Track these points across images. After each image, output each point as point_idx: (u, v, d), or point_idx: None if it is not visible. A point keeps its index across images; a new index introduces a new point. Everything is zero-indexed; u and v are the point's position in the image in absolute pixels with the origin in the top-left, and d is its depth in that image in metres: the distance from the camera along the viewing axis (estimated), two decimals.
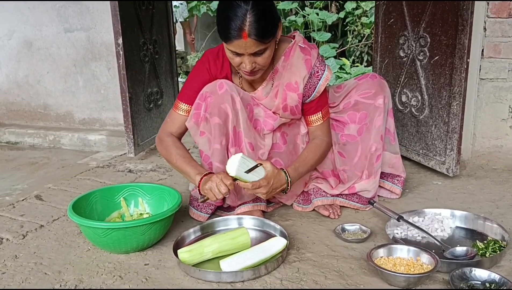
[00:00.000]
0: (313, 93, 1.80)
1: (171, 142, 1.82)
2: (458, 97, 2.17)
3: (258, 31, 1.53)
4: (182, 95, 1.84)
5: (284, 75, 1.78)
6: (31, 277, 1.54)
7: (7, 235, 1.85)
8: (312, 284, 1.45)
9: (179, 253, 1.55)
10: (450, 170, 2.28)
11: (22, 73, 3.81)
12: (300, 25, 6.91)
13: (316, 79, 1.78)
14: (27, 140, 3.72)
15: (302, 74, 1.76)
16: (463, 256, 1.54)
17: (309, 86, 1.79)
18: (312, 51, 1.78)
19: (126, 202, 1.91)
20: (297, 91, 1.77)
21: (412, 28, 2.41)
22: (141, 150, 2.92)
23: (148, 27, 2.96)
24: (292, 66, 1.76)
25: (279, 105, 1.81)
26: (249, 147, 1.79)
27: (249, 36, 1.53)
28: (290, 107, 1.81)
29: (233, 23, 1.52)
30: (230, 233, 1.63)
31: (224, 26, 1.56)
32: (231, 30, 1.53)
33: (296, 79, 1.76)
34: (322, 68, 1.78)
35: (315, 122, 1.87)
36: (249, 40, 1.54)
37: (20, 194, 2.38)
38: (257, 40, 1.55)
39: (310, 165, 1.84)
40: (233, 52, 1.61)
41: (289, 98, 1.79)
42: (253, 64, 1.63)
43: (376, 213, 1.96)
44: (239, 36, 1.53)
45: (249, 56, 1.60)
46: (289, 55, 1.77)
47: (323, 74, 1.78)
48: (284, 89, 1.78)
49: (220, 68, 1.80)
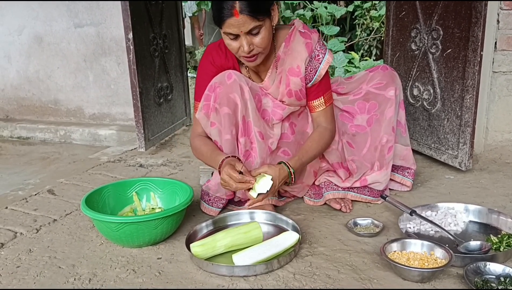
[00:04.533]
0: (314, 76, 1.78)
1: (198, 141, 1.84)
2: (471, 91, 2.15)
3: (249, 6, 1.54)
4: (196, 96, 1.86)
5: (286, 61, 1.78)
6: (46, 270, 1.56)
7: (21, 229, 1.87)
8: (325, 278, 1.45)
9: (192, 247, 1.55)
10: (463, 164, 2.26)
11: (32, 69, 3.83)
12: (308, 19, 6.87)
13: (317, 62, 1.77)
14: (38, 135, 3.74)
15: (303, 57, 1.75)
16: (477, 251, 1.53)
17: (310, 70, 1.78)
18: (312, 35, 1.78)
19: (138, 196, 1.92)
20: (300, 75, 1.77)
21: (424, 20, 2.39)
22: (151, 144, 2.93)
23: (158, 21, 2.96)
24: (293, 51, 1.76)
25: (283, 91, 1.81)
26: (259, 136, 1.79)
27: (240, 12, 1.54)
28: (294, 92, 1.80)
29: (224, 3, 1.55)
30: (243, 227, 1.63)
31: (216, 7, 1.58)
32: (223, 10, 1.56)
33: (297, 63, 1.76)
34: (323, 52, 1.77)
35: (317, 107, 1.85)
36: (241, 16, 1.55)
37: (33, 188, 2.39)
38: (249, 15, 1.55)
39: (313, 154, 1.82)
40: (229, 35, 1.61)
41: (292, 83, 1.78)
42: (250, 45, 1.63)
43: (388, 207, 1.96)
44: (231, 14, 1.55)
45: (245, 37, 1.60)
46: (289, 40, 1.77)
47: (324, 57, 1.77)
48: (287, 75, 1.78)
49: (224, 58, 1.81)
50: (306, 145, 1.83)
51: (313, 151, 1.82)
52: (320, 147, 1.84)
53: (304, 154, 1.79)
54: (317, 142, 1.83)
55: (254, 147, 1.80)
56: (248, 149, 1.81)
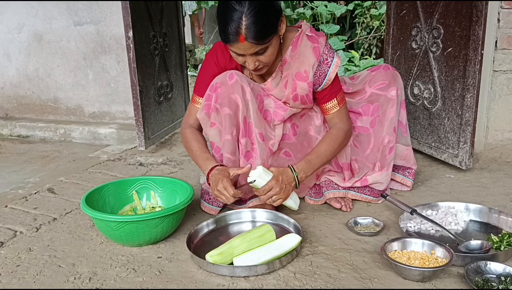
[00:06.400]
0: (324, 81, 1.78)
1: (189, 133, 1.85)
2: (472, 89, 2.15)
3: (255, 33, 1.52)
4: (196, 89, 1.86)
5: (293, 65, 1.76)
6: (46, 269, 1.55)
7: (21, 228, 1.86)
8: (326, 278, 1.45)
9: (210, 256, 1.49)
10: (463, 163, 2.26)
11: (32, 67, 3.82)
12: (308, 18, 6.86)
13: (326, 67, 1.76)
14: (37, 133, 3.74)
15: (311, 62, 1.74)
16: (478, 250, 1.52)
17: (319, 74, 1.77)
18: (320, 39, 1.76)
19: (138, 195, 1.91)
20: (307, 80, 1.76)
21: (425, 19, 2.38)
22: (151, 143, 2.93)
23: (158, 20, 2.95)
24: (300, 55, 1.75)
25: (289, 95, 1.80)
26: (260, 137, 1.79)
27: (246, 39, 1.53)
28: (300, 96, 1.80)
29: (230, 28, 1.52)
30: (256, 231, 1.61)
31: (222, 29, 1.56)
32: (229, 35, 1.54)
33: (305, 68, 1.75)
34: (331, 55, 1.76)
35: (331, 109, 1.84)
36: (247, 43, 1.53)
37: (33, 187, 2.39)
38: (254, 43, 1.54)
39: (325, 156, 1.81)
40: (235, 52, 1.61)
41: (299, 88, 1.78)
42: (256, 62, 1.63)
43: (388, 206, 1.95)
44: (237, 40, 1.54)
45: (251, 56, 1.60)
46: (296, 44, 1.76)
47: (333, 61, 1.76)
48: (294, 79, 1.77)
49: (228, 60, 1.80)
50: (317, 147, 1.82)
51: (324, 152, 1.80)
52: (333, 149, 1.83)
53: (314, 157, 1.78)
54: (328, 143, 1.82)
55: (255, 148, 1.80)
56: (249, 150, 1.81)
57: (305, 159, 1.77)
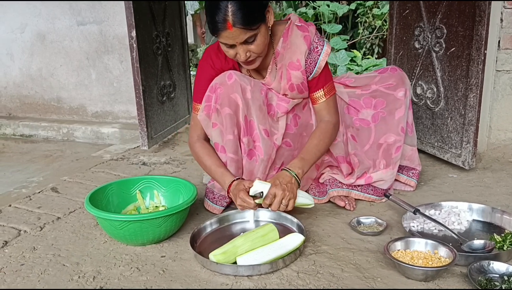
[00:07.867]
0: (314, 69, 1.78)
1: (199, 148, 1.86)
2: (475, 89, 2.15)
3: (242, 19, 1.53)
4: (195, 96, 1.86)
5: (285, 56, 1.78)
6: (50, 268, 1.56)
7: (25, 227, 1.87)
8: (329, 277, 1.45)
9: (214, 256, 1.50)
10: (466, 162, 2.26)
11: (35, 66, 3.84)
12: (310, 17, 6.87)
13: (316, 55, 1.77)
14: (41, 133, 3.75)
15: (303, 50, 1.75)
16: (481, 249, 1.52)
17: (310, 62, 1.77)
18: (310, 28, 1.78)
19: (142, 194, 1.92)
20: (300, 68, 1.77)
21: (428, 19, 2.38)
22: (154, 142, 2.93)
23: (161, 19, 2.96)
24: (292, 45, 1.76)
25: (285, 86, 1.81)
26: (264, 133, 1.80)
27: (233, 25, 1.54)
28: (296, 85, 1.81)
29: (217, 16, 1.54)
30: (259, 230, 1.61)
31: (210, 20, 1.58)
32: (216, 23, 1.55)
33: (297, 57, 1.76)
34: (321, 44, 1.77)
35: (318, 99, 1.85)
36: (235, 29, 1.54)
37: (36, 186, 2.40)
38: (243, 28, 1.55)
39: (317, 150, 1.81)
40: (226, 44, 1.62)
41: (293, 77, 1.79)
42: (247, 53, 1.63)
43: (391, 206, 1.96)
44: (224, 27, 1.55)
45: (241, 46, 1.60)
46: (287, 35, 1.77)
47: (323, 49, 1.77)
48: (287, 69, 1.78)
49: (224, 61, 1.81)
50: (308, 143, 1.82)
51: (315, 148, 1.81)
52: (324, 143, 1.83)
53: (306, 154, 1.79)
54: (318, 138, 1.82)
55: (258, 145, 1.80)
56: (251, 148, 1.81)
57: (298, 157, 1.77)
